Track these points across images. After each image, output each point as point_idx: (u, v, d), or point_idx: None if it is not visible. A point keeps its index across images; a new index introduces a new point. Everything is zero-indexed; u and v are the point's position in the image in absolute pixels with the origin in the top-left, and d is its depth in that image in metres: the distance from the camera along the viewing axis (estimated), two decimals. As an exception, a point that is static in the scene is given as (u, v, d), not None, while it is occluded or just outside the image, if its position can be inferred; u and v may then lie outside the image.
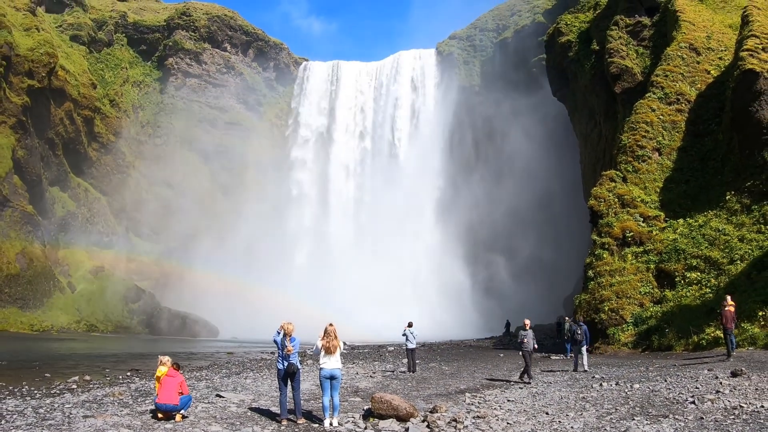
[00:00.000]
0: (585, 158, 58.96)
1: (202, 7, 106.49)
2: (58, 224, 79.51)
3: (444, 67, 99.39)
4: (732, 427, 12.12)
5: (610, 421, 13.54)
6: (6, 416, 15.72)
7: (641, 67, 49.90)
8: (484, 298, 75.84)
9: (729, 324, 22.83)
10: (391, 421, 14.46)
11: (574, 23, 61.48)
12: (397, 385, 22.52)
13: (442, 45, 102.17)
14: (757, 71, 36.45)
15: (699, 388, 16.79)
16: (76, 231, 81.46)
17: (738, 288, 29.22)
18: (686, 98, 43.36)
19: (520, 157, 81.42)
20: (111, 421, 14.61)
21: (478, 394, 19.38)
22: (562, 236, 72.42)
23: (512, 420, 14.37)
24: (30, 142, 75.87)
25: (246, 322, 74.69)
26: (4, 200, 70.47)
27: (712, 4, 51.32)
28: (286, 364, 14.42)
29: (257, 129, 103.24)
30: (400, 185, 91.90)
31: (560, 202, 73.45)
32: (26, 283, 69.77)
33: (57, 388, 22.65)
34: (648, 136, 42.11)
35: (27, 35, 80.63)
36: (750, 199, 34.58)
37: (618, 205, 39.21)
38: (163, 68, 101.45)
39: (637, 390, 17.47)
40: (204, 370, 29.55)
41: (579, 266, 46.92)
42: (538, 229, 77.58)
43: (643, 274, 34.83)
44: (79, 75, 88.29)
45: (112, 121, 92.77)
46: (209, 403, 17.68)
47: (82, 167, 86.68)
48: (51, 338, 58.51)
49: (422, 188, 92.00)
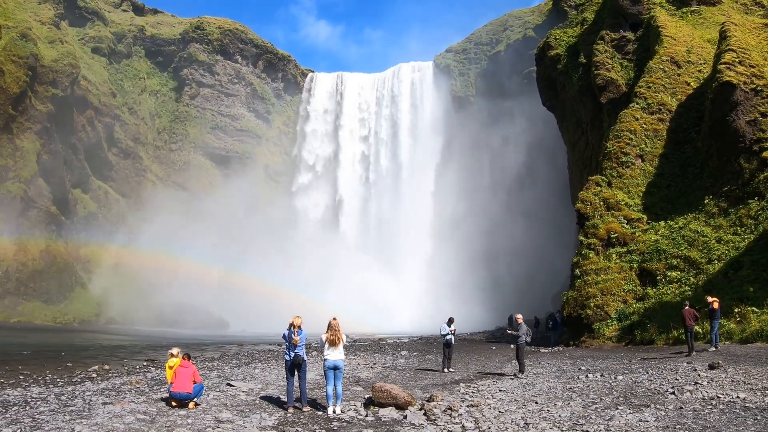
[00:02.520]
0: (573, 164, 58.89)
1: (215, 22, 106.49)
2: (79, 224, 79.51)
3: (441, 78, 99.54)
4: (709, 416, 12.12)
5: (595, 410, 13.54)
6: (30, 403, 15.73)
7: (625, 79, 49.85)
8: (480, 294, 75.61)
9: (689, 322, 22.88)
10: (390, 409, 14.46)
11: (563, 38, 61.42)
12: (396, 375, 22.52)
13: (439, 57, 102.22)
14: (734, 83, 36.50)
15: (679, 379, 16.80)
16: (97, 230, 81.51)
17: (715, 286, 29.23)
18: (667, 108, 43.36)
19: (513, 163, 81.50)
20: (128, 407, 14.61)
21: (472, 384, 19.37)
22: (551, 237, 72.26)
23: (504, 408, 14.36)
24: (54, 147, 75.88)
25: (254, 316, 74.70)
26: (29, 201, 70.47)
27: (692, 20, 51.30)
28: (293, 355, 14.43)
29: (266, 136, 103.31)
30: (400, 190, 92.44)
31: (549, 204, 73.38)
32: (50, 278, 69.80)
33: (78, 376, 22.65)
34: (632, 143, 42.10)
35: (51, 47, 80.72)
36: (727, 203, 34.60)
37: (603, 208, 39.19)
38: (179, 78, 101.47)
39: (620, 381, 17.47)
40: (215, 361, 29.54)
41: (566, 265, 46.80)
42: (528, 231, 77.46)
43: (626, 273, 34.83)
44: (100, 84, 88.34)
45: (131, 128, 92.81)
46: (220, 392, 17.68)
47: (103, 171, 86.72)
48: (73, 330, 58.52)
49: (422, 191, 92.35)
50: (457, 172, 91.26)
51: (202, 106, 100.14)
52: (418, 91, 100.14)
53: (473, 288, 76.65)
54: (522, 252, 76.18)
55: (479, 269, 78.36)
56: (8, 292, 65.40)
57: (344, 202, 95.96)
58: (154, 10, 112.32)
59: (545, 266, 70.13)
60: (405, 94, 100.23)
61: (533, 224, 76.59)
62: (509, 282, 75.32)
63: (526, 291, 71.91)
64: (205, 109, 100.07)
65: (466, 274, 79.55)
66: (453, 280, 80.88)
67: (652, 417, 12.43)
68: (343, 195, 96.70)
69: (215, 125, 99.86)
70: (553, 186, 71.82)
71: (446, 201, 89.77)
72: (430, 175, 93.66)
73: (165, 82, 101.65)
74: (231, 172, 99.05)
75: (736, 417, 11.91)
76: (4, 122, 70.66)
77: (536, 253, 73.65)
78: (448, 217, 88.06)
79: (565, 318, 37.09)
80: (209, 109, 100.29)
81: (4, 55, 72.12)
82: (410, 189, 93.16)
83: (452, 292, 77.93)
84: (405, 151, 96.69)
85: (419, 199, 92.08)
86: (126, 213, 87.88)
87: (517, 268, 75.29)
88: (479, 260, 79.37)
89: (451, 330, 24.11)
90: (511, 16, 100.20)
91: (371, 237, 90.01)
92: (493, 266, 78.11)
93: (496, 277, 76.33)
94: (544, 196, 74.95)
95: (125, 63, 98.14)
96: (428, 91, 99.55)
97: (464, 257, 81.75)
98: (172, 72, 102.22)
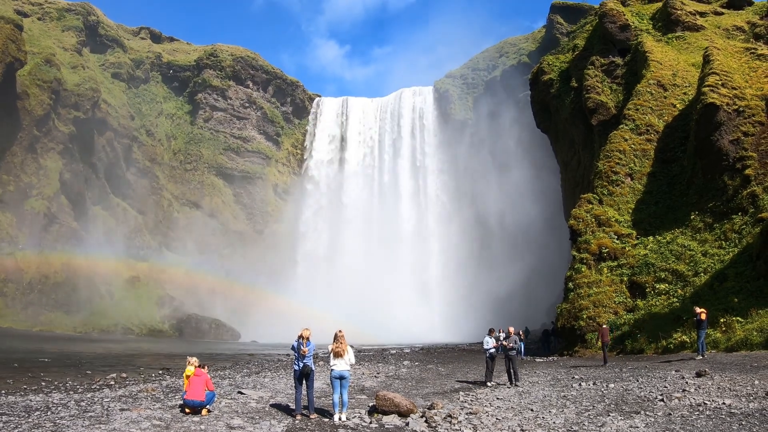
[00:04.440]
0: (565, 183, 58.95)
1: (228, 49, 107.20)
2: (99, 239, 79.66)
3: (441, 102, 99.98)
4: (697, 422, 12.06)
5: (588, 417, 13.48)
6: (52, 408, 15.71)
7: (615, 102, 50.02)
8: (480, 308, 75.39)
9: (605, 339, 26.28)
10: (393, 416, 14.42)
11: (555, 63, 61.72)
12: (399, 384, 22.43)
13: (439, 82, 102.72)
14: (718, 105, 36.63)
15: (667, 387, 16.72)
16: (115, 245, 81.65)
17: (702, 298, 29.14)
18: (655, 129, 43.45)
19: (509, 182, 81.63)
20: (145, 414, 14.60)
21: (471, 392, 19.29)
22: (545, 252, 72.16)
23: (501, 416, 14.30)
24: (75, 167, 76.34)
25: (265, 327, 74.65)
26: (52, 217, 70.83)
27: (677, 45, 51.56)
28: (301, 365, 14.43)
29: (276, 157, 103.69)
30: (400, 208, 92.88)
31: (543, 221, 73.40)
32: (70, 290, 69.97)
33: (97, 383, 22.61)
34: (621, 162, 42.15)
35: (74, 72, 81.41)
36: (712, 218, 34.58)
37: (595, 224, 39.14)
38: (193, 102, 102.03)
39: (612, 389, 17.39)
40: (227, 370, 29.45)
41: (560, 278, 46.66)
42: (526, 247, 77.45)
43: (617, 286, 34.73)
44: (119, 108, 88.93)
45: (148, 149, 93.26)
46: (232, 399, 17.64)
47: (121, 189, 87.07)
48: (92, 339, 58.43)
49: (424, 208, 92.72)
50: (456, 191, 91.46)
51: (215, 129, 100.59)
52: (419, 113, 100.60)
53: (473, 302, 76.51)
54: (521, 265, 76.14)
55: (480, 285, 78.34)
56: (31, 302, 65.55)
57: (349, 221, 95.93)
58: (171, 38, 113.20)
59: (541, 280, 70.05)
60: (407, 116, 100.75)
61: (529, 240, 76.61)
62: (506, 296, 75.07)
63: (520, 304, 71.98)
64: (218, 132, 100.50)
65: (468, 290, 79.56)
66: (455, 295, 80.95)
67: (642, 423, 12.38)
68: (348, 213, 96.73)
69: (228, 147, 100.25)
70: (547, 203, 71.90)
71: (448, 221, 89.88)
72: (432, 192, 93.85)
73: (180, 105, 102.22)
74: (242, 191, 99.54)
75: (722, 422, 11.86)
76: (29, 142, 71.23)
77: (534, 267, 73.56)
78: (451, 235, 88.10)
79: (559, 329, 36.96)
80: (222, 132, 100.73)
81: (29, 79, 72.82)
82: (411, 207, 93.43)
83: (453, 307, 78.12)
84: (406, 170, 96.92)
85: (420, 217, 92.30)
86: (143, 228, 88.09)
87: (517, 280, 75.11)
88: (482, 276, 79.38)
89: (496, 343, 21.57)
90: (507, 43, 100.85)
91: (373, 252, 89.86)
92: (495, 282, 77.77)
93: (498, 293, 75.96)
94: (538, 212, 75.06)
95: (143, 87, 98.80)
96: (429, 115, 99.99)
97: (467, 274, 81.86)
98: (187, 96, 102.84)
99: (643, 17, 57.11)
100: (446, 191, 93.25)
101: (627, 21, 54.85)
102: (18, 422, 13.49)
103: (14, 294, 64.26)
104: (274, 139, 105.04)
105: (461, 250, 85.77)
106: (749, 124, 36.19)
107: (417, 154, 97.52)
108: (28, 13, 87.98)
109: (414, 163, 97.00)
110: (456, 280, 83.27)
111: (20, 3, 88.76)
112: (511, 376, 21.08)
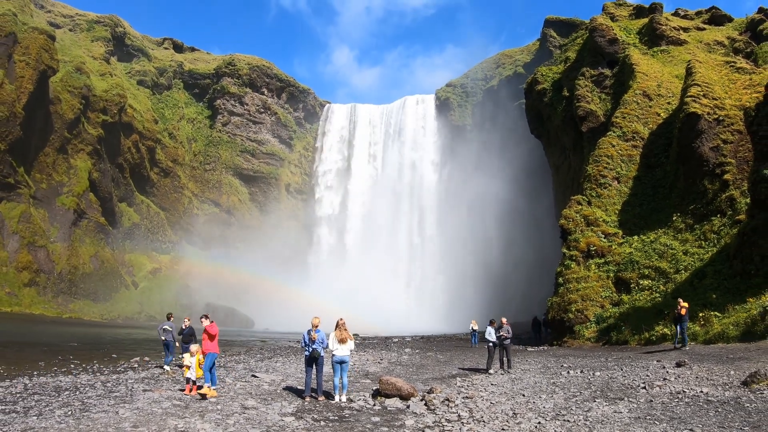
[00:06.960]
0: (557, 185, 58.81)
1: (245, 59, 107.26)
2: (124, 233, 79.96)
3: (442, 109, 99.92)
4: (676, 409, 12.07)
5: (575, 402, 13.49)
6: (80, 388, 15.82)
7: (603, 110, 49.88)
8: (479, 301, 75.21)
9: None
10: (395, 399, 14.47)
11: (549, 74, 61.57)
12: (401, 370, 22.46)
13: (440, 91, 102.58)
14: (699, 114, 36.52)
15: (649, 375, 16.71)
16: (139, 239, 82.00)
17: (682, 293, 29.02)
18: (640, 136, 43.33)
19: (504, 184, 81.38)
20: (165, 394, 14.69)
21: (467, 378, 19.32)
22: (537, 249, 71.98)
23: (495, 400, 14.33)
24: (103, 166, 76.54)
25: (277, 315, 74.70)
26: (81, 213, 71.04)
27: (662, 58, 51.38)
28: (311, 350, 14.49)
29: (289, 158, 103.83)
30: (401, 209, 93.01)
31: (536, 220, 73.24)
32: (98, 280, 70.21)
33: (121, 366, 22.74)
34: (609, 167, 42.04)
35: (102, 79, 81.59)
36: (693, 219, 34.48)
37: (584, 224, 39.07)
38: (213, 108, 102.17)
39: (598, 377, 17.39)
40: (242, 355, 29.53)
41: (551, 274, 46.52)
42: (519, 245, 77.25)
43: (604, 281, 34.67)
44: (144, 112, 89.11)
45: (170, 151, 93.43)
46: (246, 382, 17.71)
47: (145, 187, 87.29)
48: (117, 326, 58.62)
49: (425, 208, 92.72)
50: (456, 193, 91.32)
51: (232, 132, 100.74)
52: (421, 120, 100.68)
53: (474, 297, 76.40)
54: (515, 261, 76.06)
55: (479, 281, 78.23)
56: (61, 291, 65.78)
57: (355, 218, 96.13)
58: (192, 48, 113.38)
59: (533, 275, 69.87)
60: (410, 122, 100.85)
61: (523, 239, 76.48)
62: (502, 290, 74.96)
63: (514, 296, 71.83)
64: (235, 135, 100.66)
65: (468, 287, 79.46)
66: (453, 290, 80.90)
67: (626, 409, 12.39)
68: (354, 210, 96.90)
69: (244, 149, 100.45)
70: (539, 204, 71.79)
71: (447, 220, 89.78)
72: (432, 194, 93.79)
73: (201, 110, 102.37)
74: (257, 189, 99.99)
75: (699, 409, 11.86)
76: (60, 144, 71.45)
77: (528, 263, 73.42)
78: (449, 233, 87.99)
79: (549, 321, 36.92)
80: (239, 135, 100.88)
81: (61, 85, 73.05)
82: (413, 207, 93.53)
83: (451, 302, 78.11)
84: (408, 172, 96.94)
85: (420, 217, 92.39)
86: (165, 224, 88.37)
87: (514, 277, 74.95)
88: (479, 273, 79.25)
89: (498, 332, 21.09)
90: (504, 55, 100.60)
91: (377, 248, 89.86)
92: (491, 278, 77.63)
93: (495, 287, 75.83)
94: (531, 212, 74.95)
95: (166, 94, 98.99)
96: (430, 121, 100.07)
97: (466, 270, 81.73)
98: (207, 102, 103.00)
99: (630, 32, 56.95)
100: (446, 192, 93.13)
101: (615, 35, 54.71)
102: (49, 401, 13.59)
103: (45, 283, 64.48)
104: (287, 142, 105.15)
105: (459, 249, 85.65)
106: (728, 133, 36.05)
107: (418, 156, 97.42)
108: (60, 24, 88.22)
109: (415, 165, 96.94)
110: (454, 276, 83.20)
111: (53, 15, 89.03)
112: (503, 364, 21.14)
